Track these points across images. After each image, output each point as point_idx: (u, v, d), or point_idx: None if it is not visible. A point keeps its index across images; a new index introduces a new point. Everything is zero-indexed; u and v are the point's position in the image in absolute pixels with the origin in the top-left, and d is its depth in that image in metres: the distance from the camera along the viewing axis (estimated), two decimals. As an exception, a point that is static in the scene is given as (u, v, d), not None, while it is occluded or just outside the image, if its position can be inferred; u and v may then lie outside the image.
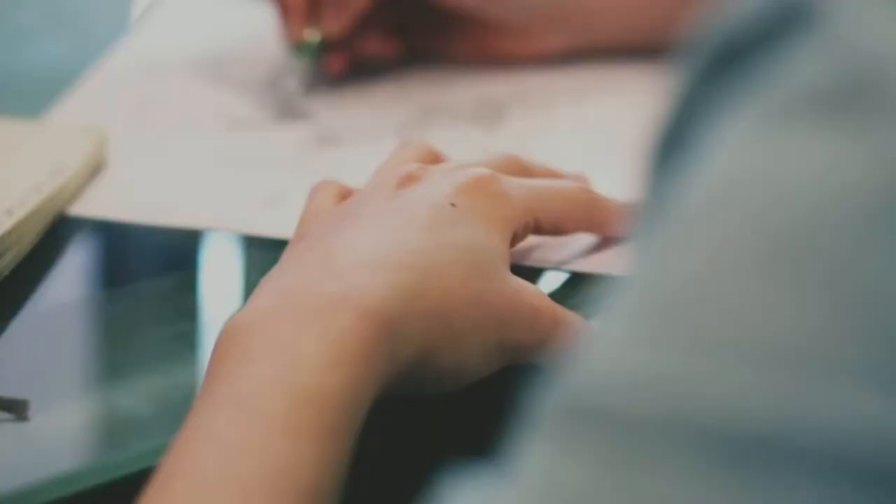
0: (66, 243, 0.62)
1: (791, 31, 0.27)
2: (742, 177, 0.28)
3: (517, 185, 0.55)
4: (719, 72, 0.29)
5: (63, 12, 0.90)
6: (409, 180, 0.54)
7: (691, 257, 0.28)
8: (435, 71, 0.77)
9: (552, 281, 0.59)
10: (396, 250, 0.50)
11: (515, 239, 0.55)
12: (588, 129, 0.72)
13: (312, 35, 0.73)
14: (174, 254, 0.65)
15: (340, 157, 0.69)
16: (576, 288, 0.58)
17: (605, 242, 0.60)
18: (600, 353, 0.28)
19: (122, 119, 0.72)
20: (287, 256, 0.53)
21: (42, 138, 0.66)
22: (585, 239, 0.60)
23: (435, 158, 0.59)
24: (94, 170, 0.66)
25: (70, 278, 0.61)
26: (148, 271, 0.65)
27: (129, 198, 0.65)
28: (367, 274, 0.49)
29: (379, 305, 0.48)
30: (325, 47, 0.74)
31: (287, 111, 0.73)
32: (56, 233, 0.62)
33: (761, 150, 0.27)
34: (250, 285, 0.52)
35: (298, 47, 0.74)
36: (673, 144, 0.30)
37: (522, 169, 0.58)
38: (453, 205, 0.53)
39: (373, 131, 0.72)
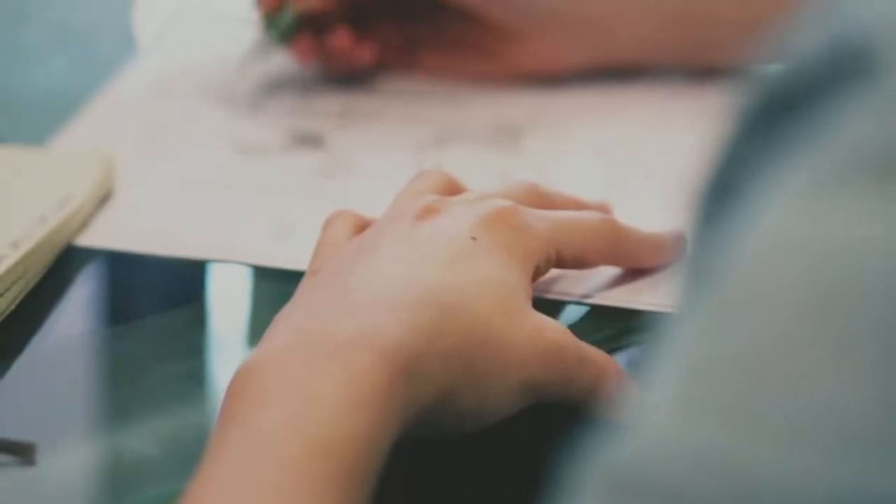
0: (73, 275, 0.61)
1: (848, 84, 0.26)
2: (793, 241, 0.26)
3: (539, 217, 0.54)
4: (771, 121, 0.27)
5: (69, 31, 0.89)
6: (428, 212, 0.53)
7: (742, 326, 0.26)
8: (448, 93, 0.76)
9: (575, 315, 0.58)
10: (415, 286, 0.49)
11: (537, 273, 0.53)
12: (608, 152, 0.71)
13: (287, 9, 0.72)
14: (183, 286, 0.63)
15: (354, 184, 0.68)
16: (600, 322, 0.57)
17: (630, 274, 0.58)
18: (650, 424, 0.26)
19: (131, 143, 0.71)
20: (301, 292, 0.52)
21: (48, 166, 0.65)
22: (609, 271, 0.58)
23: (454, 188, 0.57)
24: (102, 198, 0.65)
25: (76, 313, 0.59)
26: (157, 305, 0.63)
27: (137, 227, 0.63)
28: (384, 312, 0.47)
29: (397, 345, 0.46)
30: (298, 28, 0.72)
31: (300, 138, 0.72)
32: (62, 264, 0.61)
33: (812, 213, 0.26)
34: (262, 320, 0.50)
35: (270, 20, 0.72)
36: (720, 194, 0.29)
37: (543, 198, 0.57)
38: (474, 238, 0.51)
39: (387, 157, 0.70)
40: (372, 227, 0.55)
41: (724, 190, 0.28)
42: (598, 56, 0.74)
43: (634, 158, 0.70)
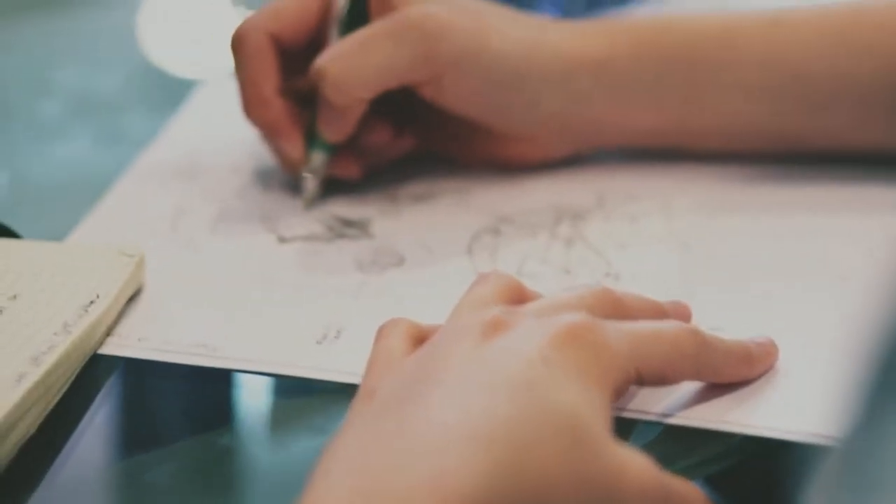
0: (96, 389, 0.56)
1: None
2: None
3: (616, 332, 0.49)
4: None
5: (91, 101, 0.85)
6: (495, 328, 0.49)
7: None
8: (502, 176, 0.71)
9: (654, 436, 0.53)
10: (488, 420, 0.45)
11: (616, 394, 0.49)
12: (676, 242, 0.66)
13: (317, 158, 0.68)
14: (218, 402, 0.58)
15: (404, 278, 0.63)
16: (684, 445, 0.52)
17: (715, 389, 0.53)
18: None
19: (158, 232, 0.67)
20: (355, 421, 0.47)
21: (71, 264, 0.60)
22: (691, 385, 0.54)
23: (520, 295, 0.53)
24: (130, 299, 0.60)
25: (99, 435, 0.55)
26: (188, 425, 0.58)
27: (167, 333, 0.59)
28: (456, 455, 0.43)
29: (472, 492, 0.43)
30: (334, 150, 0.68)
31: (344, 226, 0.67)
32: (84, 375, 0.56)
33: None
34: (309, 447, 0.46)
35: (306, 169, 0.68)
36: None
37: (617, 305, 0.53)
38: (548, 359, 0.47)
39: (439, 248, 0.66)
40: (433, 343, 0.50)
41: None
42: (589, 146, 0.72)
43: (708, 250, 0.65)
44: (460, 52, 0.65)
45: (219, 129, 0.77)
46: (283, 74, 0.68)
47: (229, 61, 0.68)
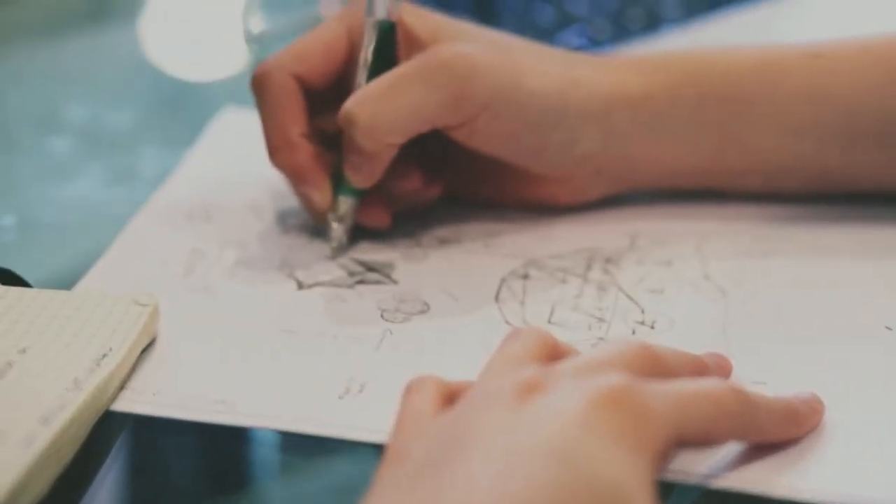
0: (107, 447, 0.54)
1: None
2: None
3: (658, 394, 0.47)
4: None
5: (102, 135, 0.83)
6: (530, 390, 0.47)
7: None
8: (530, 218, 0.69)
9: (696, 498, 0.51)
10: (528, 489, 0.43)
11: (659, 460, 0.47)
12: (713, 287, 0.64)
13: (344, 204, 0.66)
14: (237, 461, 0.56)
15: (429, 327, 0.61)
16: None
17: (761, 450, 0.52)
18: None
19: (173, 279, 0.65)
20: (388, 485, 0.46)
21: (81, 315, 0.58)
22: (735, 446, 0.52)
23: (554, 352, 0.51)
24: (143, 351, 0.58)
25: (111, 499, 0.53)
26: (205, 485, 0.56)
27: (182, 387, 0.57)
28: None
29: None
30: (362, 195, 0.66)
31: (367, 270, 0.66)
32: (96, 433, 0.54)
33: None
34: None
35: (333, 217, 0.66)
36: None
37: (656, 363, 0.51)
38: (587, 425, 0.45)
39: (465, 295, 0.64)
40: (465, 404, 0.48)
41: None
42: (623, 187, 0.70)
43: (747, 295, 0.63)
44: (494, 92, 0.63)
45: (234, 165, 0.75)
46: (308, 116, 0.66)
47: (233, 62, 0.66)
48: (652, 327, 0.61)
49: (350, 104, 0.62)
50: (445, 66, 0.62)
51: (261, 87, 0.65)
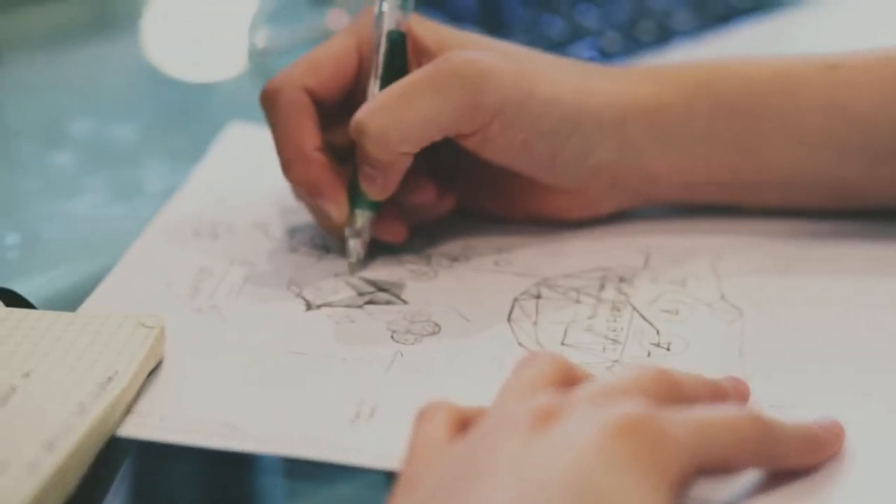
0: (112, 474, 0.54)
1: None
2: None
3: (676, 422, 0.47)
4: None
5: (106, 149, 0.82)
6: (546, 418, 0.47)
7: None
8: (542, 234, 0.69)
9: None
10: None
11: (678, 490, 0.46)
12: (729, 307, 0.63)
13: (361, 218, 0.65)
14: (245, 487, 0.56)
15: (441, 349, 0.60)
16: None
17: (782, 478, 0.51)
18: None
19: (179, 299, 0.64)
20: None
21: (86, 337, 0.58)
22: (754, 473, 0.51)
23: (569, 377, 0.51)
24: (149, 374, 0.58)
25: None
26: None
27: (189, 410, 0.56)
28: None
29: None
30: (378, 208, 0.66)
31: (376, 289, 0.65)
32: (100, 460, 0.53)
33: None
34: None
35: (350, 232, 0.65)
36: None
37: (674, 389, 0.50)
38: (605, 455, 0.44)
39: (476, 316, 0.63)
40: (479, 432, 0.48)
41: None
42: (638, 201, 0.69)
43: (764, 315, 0.62)
44: (506, 99, 0.62)
45: (240, 181, 0.74)
46: (320, 130, 0.65)
47: (238, 74, 0.65)
48: (668, 349, 0.60)
49: (361, 114, 0.62)
50: (456, 72, 0.61)
51: (272, 103, 0.65)
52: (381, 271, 0.66)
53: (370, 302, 0.64)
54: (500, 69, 0.62)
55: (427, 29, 0.65)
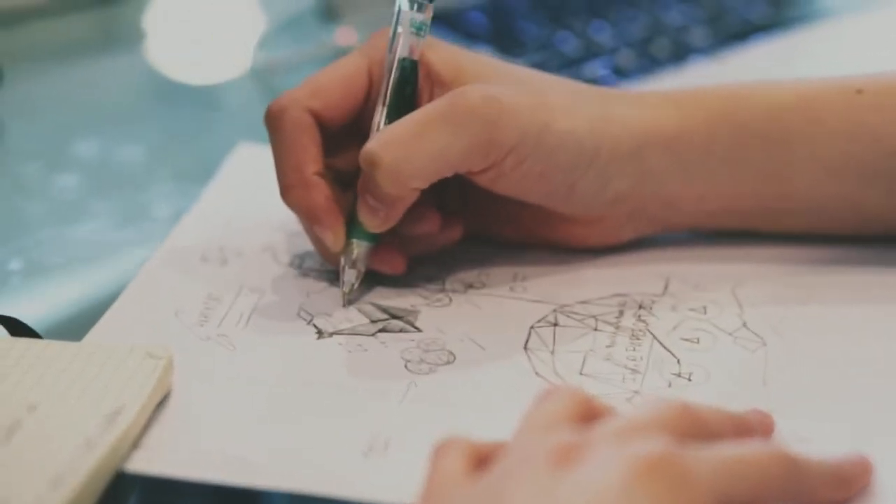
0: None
1: None
2: None
3: (701, 461, 0.46)
4: None
5: (112, 173, 0.82)
6: (566, 456, 0.45)
7: None
8: (559, 259, 0.68)
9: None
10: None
11: (702, 531, 0.45)
12: (751, 336, 0.62)
13: (359, 248, 0.64)
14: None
15: (455, 379, 0.59)
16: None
17: (808, 517, 0.50)
18: None
19: (187, 327, 0.63)
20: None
21: (92, 369, 0.57)
22: (781, 510, 0.50)
23: (589, 412, 0.49)
24: (157, 407, 0.57)
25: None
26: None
27: (198, 444, 0.55)
28: None
29: None
30: (377, 239, 0.64)
31: (389, 316, 0.64)
32: (104, 499, 0.52)
33: None
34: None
35: (347, 262, 0.64)
36: None
37: (697, 424, 0.49)
38: (627, 496, 0.43)
39: (492, 345, 0.62)
40: (497, 470, 0.47)
41: None
42: (658, 228, 0.68)
43: (787, 344, 0.61)
44: (522, 135, 0.61)
45: (249, 204, 0.73)
46: (323, 154, 0.64)
47: (245, 92, 0.64)
48: (689, 379, 0.59)
49: (374, 146, 0.60)
50: (473, 110, 0.60)
51: (275, 123, 0.64)
52: (394, 298, 0.65)
53: (383, 330, 0.63)
54: (516, 105, 0.61)
55: (441, 55, 0.64)
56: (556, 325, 0.63)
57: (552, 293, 0.65)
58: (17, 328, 0.61)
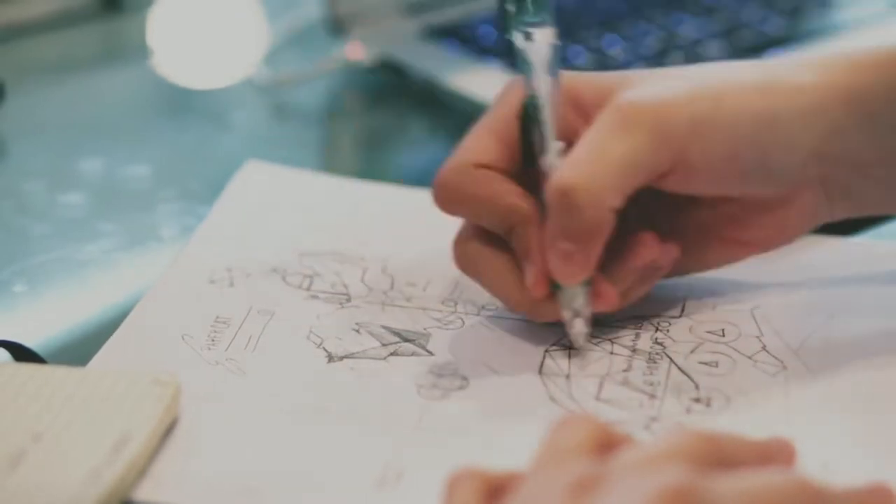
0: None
1: None
2: None
3: (722, 493, 0.45)
4: None
5: (119, 192, 0.81)
6: (585, 490, 0.45)
7: None
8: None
9: None
10: None
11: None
12: (771, 359, 0.62)
13: (578, 294, 0.61)
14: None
15: (469, 405, 0.59)
16: None
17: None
18: None
19: (195, 351, 0.62)
20: None
21: (98, 396, 0.56)
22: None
23: (608, 442, 0.49)
24: (164, 435, 0.56)
25: None
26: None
27: (207, 473, 0.54)
28: None
29: None
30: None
31: (400, 339, 0.63)
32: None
33: None
34: None
35: (570, 313, 0.61)
36: None
37: (717, 453, 0.48)
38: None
39: (506, 369, 0.61)
40: (514, 502, 0.46)
41: None
42: (848, 204, 0.64)
43: (809, 366, 0.61)
44: (695, 119, 0.59)
45: (257, 223, 0.73)
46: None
47: (252, 106, 0.63)
48: (707, 405, 0.59)
49: (560, 178, 0.58)
50: (640, 110, 0.59)
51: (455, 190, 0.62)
52: (405, 320, 0.65)
53: (394, 353, 0.62)
54: (675, 94, 0.60)
55: (581, 83, 0.63)
56: (571, 348, 0.62)
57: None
58: (22, 353, 0.61)
